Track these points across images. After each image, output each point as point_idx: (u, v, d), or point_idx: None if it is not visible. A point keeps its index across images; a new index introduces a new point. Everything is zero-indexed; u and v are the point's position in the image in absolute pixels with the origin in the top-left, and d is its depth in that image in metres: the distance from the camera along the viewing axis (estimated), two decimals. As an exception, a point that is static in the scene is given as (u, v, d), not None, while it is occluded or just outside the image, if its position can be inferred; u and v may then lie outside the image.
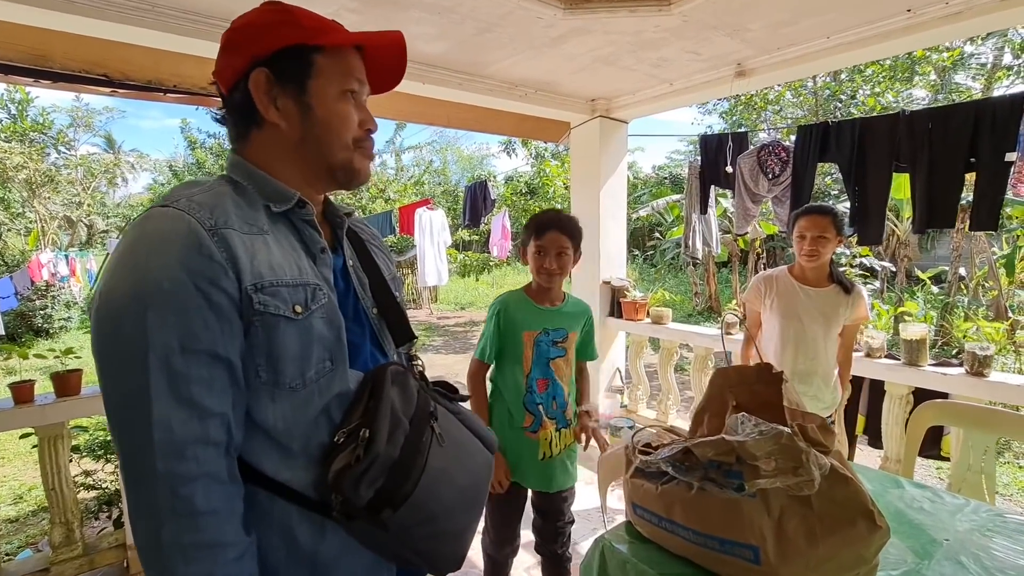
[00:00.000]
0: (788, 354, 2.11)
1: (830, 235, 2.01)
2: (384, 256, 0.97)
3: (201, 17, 2.27)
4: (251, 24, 0.76)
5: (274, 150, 0.77)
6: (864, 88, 8.40)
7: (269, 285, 0.68)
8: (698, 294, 10.95)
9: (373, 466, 0.69)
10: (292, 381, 0.70)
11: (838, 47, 2.63)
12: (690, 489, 1.00)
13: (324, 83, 0.76)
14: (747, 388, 1.16)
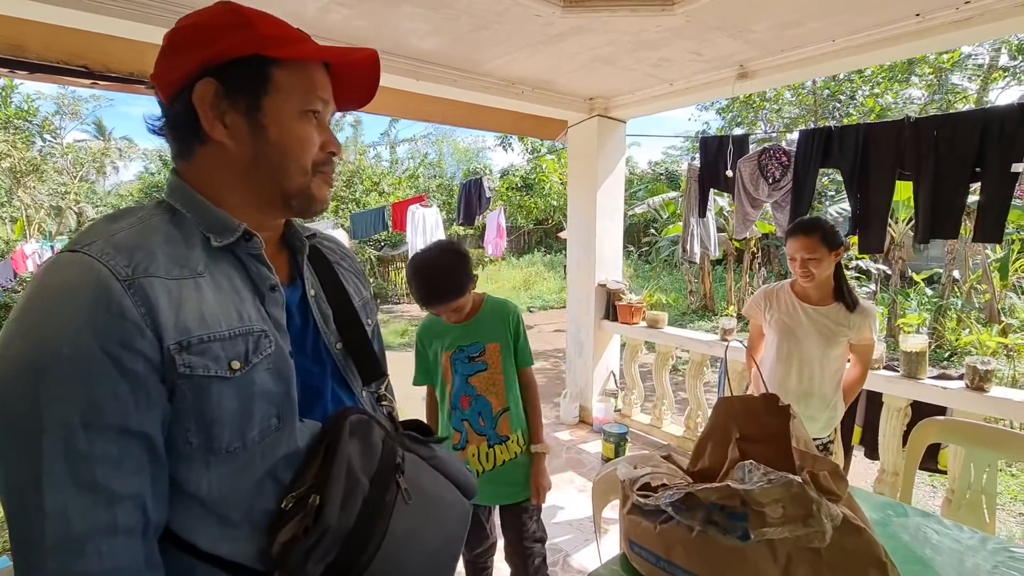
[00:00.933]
0: (784, 372, 2.05)
1: (820, 254, 1.91)
2: (356, 279, 0.88)
3: (185, 8, 2.17)
4: (200, 26, 0.65)
5: (219, 171, 0.67)
6: (864, 88, 8.35)
7: (198, 341, 0.59)
8: (693, 292, 10.93)
9: (323, 539, 0.62)
10: (230, 445, 0.61)
11: (844, 50, 2.56)
12: (691, 531, 0.94)
13: (282, 101, 0.67)
14: (753, 419, 1.11)
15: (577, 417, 4.10)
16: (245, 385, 0.62)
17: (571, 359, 4.23)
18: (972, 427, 1.87)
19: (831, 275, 2.00)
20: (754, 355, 2.24)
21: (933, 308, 7.72)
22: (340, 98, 0.77)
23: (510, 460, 1.65)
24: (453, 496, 0.81)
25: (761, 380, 2.17)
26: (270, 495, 0.64)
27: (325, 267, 0.82)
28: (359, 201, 12.10)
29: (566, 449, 3.64)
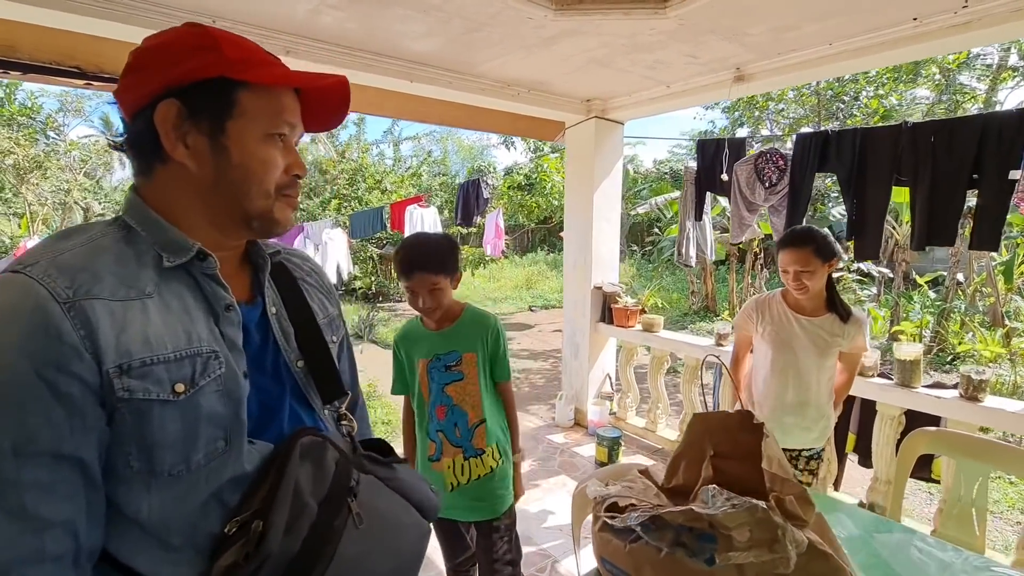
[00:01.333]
0: (780, 384, 2.01)
1: (814, 266, 1.86)
2: (322, 295, 0.87)
3: (171, 9, 2.17)
4: (166, 46, 0.65)
5: (179, 191, 0.67)
6: (868, 89, 8.26)
7: (140, 364, 0.58)
8: (694, 293, 10.88)
9: (264, 565, 0.60)
10: (173, 468, 0.60)
11: (841, 54, 2.53)
12: (659, 552, 0.93)
13: (246, 124, 0.66)
14: (729, 436, 1.09)
15: (572, 420, 4.09)
16: (190, 408, 0.61)
17: (567, 361, 4.22)
18: (962, 438, 1.85)
19: (822, 289, 1.97)
20: (739, 369, 2.21)
21: (936, 311, 7.66)
22: (309, 120, 0.76)
23: (485, 475, 1.60)
24: (411, 518, 0.79)
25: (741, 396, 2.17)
26: (215, 519, 0.63)
27: (289, 284, 0.81)
28: (361, 199, 12.10)
29: (560, 452, 3.63)
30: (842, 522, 1.41)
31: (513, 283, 14.53)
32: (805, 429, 2.02)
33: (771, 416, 2.02)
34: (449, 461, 1.59)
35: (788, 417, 2.02)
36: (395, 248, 1.62)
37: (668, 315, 10.67)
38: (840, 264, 2.10)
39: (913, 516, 3.07)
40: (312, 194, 12.63)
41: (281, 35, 2.40)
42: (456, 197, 4.99)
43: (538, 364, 7.12)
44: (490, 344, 1.62)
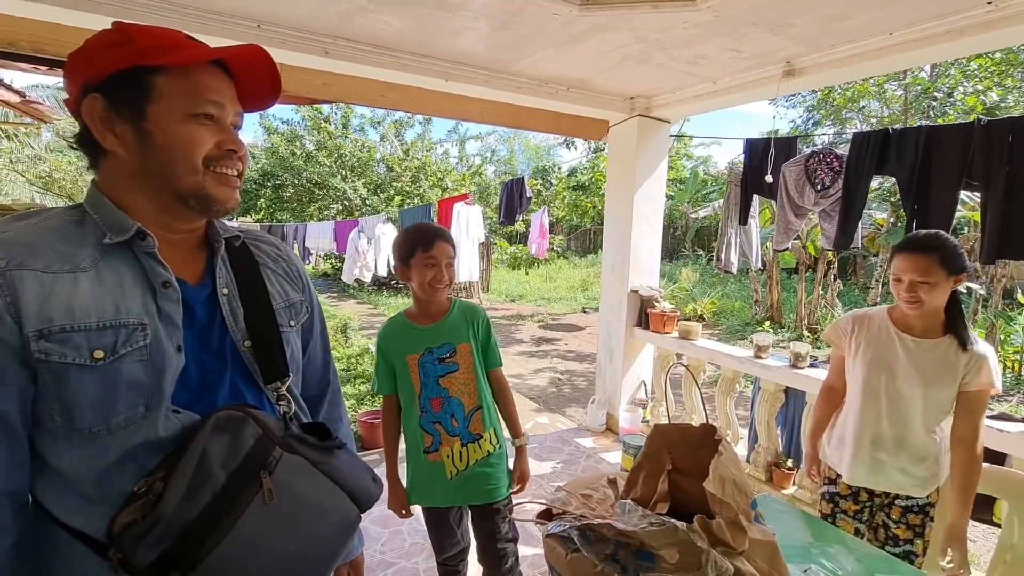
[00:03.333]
0: (871, 414, 1.70)
1: (936, 279, 1.52)
2: (286, 281, 0.91)
3: (220, 15, 2.33)
4: (86, 49, 0.70)
5: (120, 178, 0.73)
6: (965, 84, 7.40)
7: (60, 330, 0.64)
8: (759, 302, 10.27)
9: (156, 526, 0.64)
10: (93, 427, 0.66)
11: (903, 44, 2.30)
12: (595, 566, 0.89)
13: (166, 106, 0.70)
14: (689, 450, 1.03)
15: (604, 425, 3.99)
16: (109, 374, 0.66)
17: (601, 365, 4.13)
18: (1014, 476, 1.63)
19: (941, 308, 1.61)
20: (827, 399, 1.91)
21: (1042, 335, 6.77)
22: (246, 98, 0.80)
23: (482, 459, 1.66)
24: (335, 504, 0.79)
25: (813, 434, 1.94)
26: (130, 478, 0.68)
27: (248, 267, 0.85)
28: (423, 196, 12.46)
29: (586, 457, 3.56)
30: (841, 559, 1.28)
31: (569, 284, 14.40)
32: (902, 471, 1.68)
33: (861, 451, 1.72)
34: (448, 450, 1.63)
35: (881, 453, 1.70)
36: (401, 235, 1.66)
37: (728, 324, 10.15)
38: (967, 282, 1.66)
39: (977, 564, 2.73)
40: (378, 190, 13.15)
41: (319, 37, 2.51)
42: (500, 196, 5.02)
43: (583, 367, 7.01)
44: (481, 333, 1.67)
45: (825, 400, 1.93)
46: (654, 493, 1.02)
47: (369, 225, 5.87)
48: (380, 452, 3.58)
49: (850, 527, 1.79)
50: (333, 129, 12.97)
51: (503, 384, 1.74)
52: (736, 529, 0.77)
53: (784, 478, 2.96)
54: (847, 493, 1.81)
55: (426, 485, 1.66)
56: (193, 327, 0.76)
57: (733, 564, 0.74)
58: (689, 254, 14.97)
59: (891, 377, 1.66)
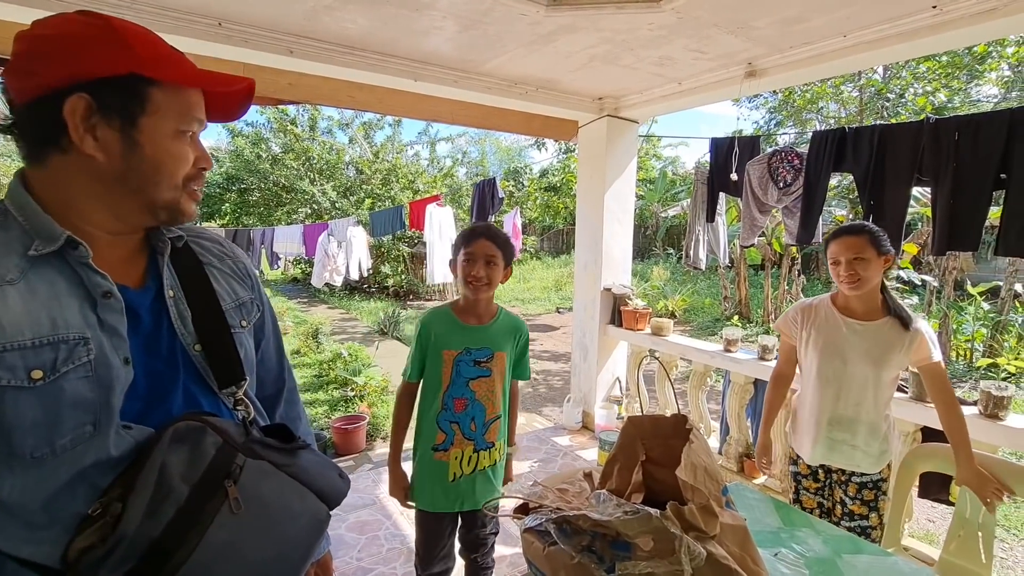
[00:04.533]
0: (827, 398, 1.80)
1: (868, 254, 1.67)
2: (233, 280, 0.87)
3: (178, 12, 2.26)
4: (69, 37, 0.64)
5: (77, 179, 0.67)
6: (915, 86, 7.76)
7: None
8: (728, 298, 10.53)
9: (118, 547, 0.61)
10: (36, 451, 0.60)
11: (857, 46, 2.39)
12: (572, 558, 0.89)
13: (159, 121, 0.68)
14: (661, 440, 1.04)
15: (580, 423, 4.03)
16: (49, 395, 0.61)
17: (576, 364, 4.16)
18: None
19: (878, 287, 1.76)
20: (778, 386, 2.01)
21: (991, 324, 7.13)
22: (211, 113, 0.77)
23: (489, 466, 1.67)
24: (305, 506, 0.78)
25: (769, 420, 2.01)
26: (82, 500, 0.64)
27: (192, 267, 0.81)
28: (394, 199, 12.33)
29: (563, 455, 3.58)
30: (809, 541, 1.32)
31: (542, 284, 14.47)
32: (856, 448, 1.78)
33: (819, 430, 1.82)
34: (458, 452, 1.61)
35: (838, 433, 1.80)
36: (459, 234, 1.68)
37: (699, 320, 10.37)
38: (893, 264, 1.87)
39: (936, 542, 2.86)
40: (348, 193, 12.95)
41: (284, 35, 2.47)
42: (472, 197, 5.01)
43: (558, 366, 7.06)
44: (519, 347, 1.71)
45: (775, 386, 2.03)
46: (629, 484, 1.03)
47: (339, 228, 5.78)
48: (354, 459, 3.53)
49: (812, 502, 1.91)
50: (300, 131, 12.71)
51: (516, 394, 1.79)
52: (707, 514, 0.79)
53: (755, 468, 3.04)
54: (807, 472, 1.92)
55: (428, 485, 1.64)
56: (139, 333, 0.71)
57: (706, 548, 0.76)
58: (660, 253, 15.23)
59: (843, 361, 1.77)
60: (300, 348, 6.99)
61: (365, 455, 3.60)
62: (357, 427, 3.71)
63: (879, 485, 1.81)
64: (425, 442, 1.63)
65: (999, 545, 2.97)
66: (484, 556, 1.77)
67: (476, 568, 1.78)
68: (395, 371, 5.65)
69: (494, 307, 1.68)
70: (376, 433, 4.13)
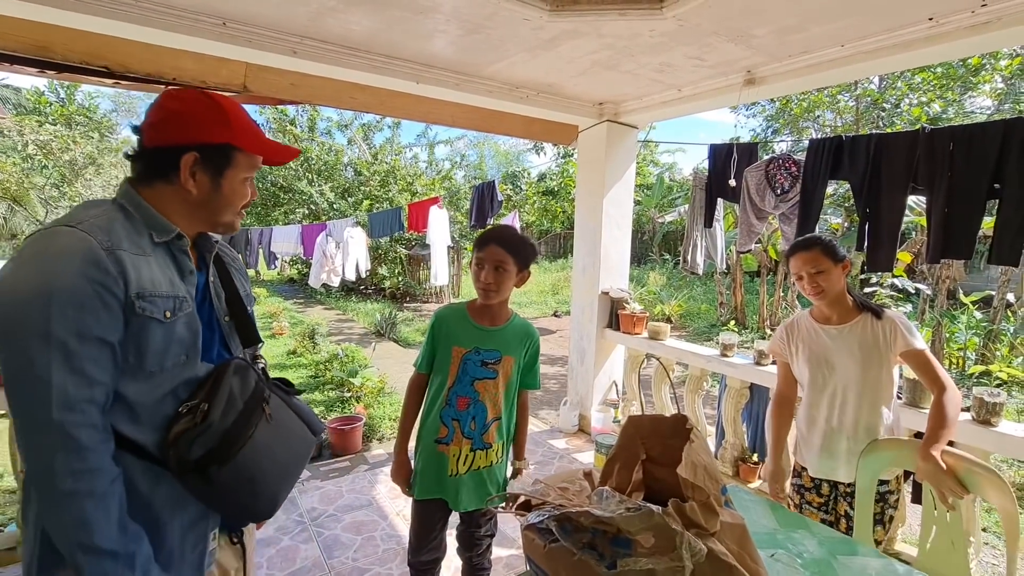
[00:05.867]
0: (823, 407, 1.85)
1: (826, 266, 1.78)
2: (241, 277, 1.17)
3: (187, 13, 2.27)
4: (190, 115, 0.95)
5: (174, 201, 0.97)
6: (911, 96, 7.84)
7: (148, 295, 0.87)
8: (723, 304, 10.58)
9: (207, 431, 0.89)
10: (152, 367, 0.88)
11: (855, 56, 2.43)
12: (573, 555, 0.91)
13: (236, 172, 1.00)
14: (660, 440, 1.06)
15: (576, 426, 4.04)
16: (170, 330, 0.91)
17: (573, 367, 4.18)
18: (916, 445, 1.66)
19: (844, 291, 1.84)
20: (782, 407, 2.01)
21: (983, 332, 7.19)
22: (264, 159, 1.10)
23: (485, 467, 1.68)
24: (302, 430, 1.10)
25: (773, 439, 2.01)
26: (170, 406, 0.92)
27: (222, 265, 1.12)
28: (392, 200, 12.33)
29: (559, 457, 3.59)
30: (805, 542, 1.34)
31: (539, 288, 14.49)
32: (857, 455, 1.79)
33: (823, 444, 1.85)
34: (456, 449, 1.63)
35: (840, 441, 1.82)
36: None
37: (695, 326, 10.41)
38: (852, 268, 1.95)
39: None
40: (346, 194, 12.95)
41: (288, 36, 2.48)
42: (471, 200, 5.03)
43: (554, 369, 7.06)
44: (529, 354, 1.71)
45: (779, 411, 2.02)
46: (629, 483, 1.04)
47: (337, 229, 5.78)
48: (350, 459, 3.53)
49: (816, 516, 1.90)
50: (299, 132, 12.72)
51: (526, 406, 1.78)
52: (708, 511, 0.80)
53: (750, 472, 3.06)
54: (810, 485, 1.92)
55: (430, 473, 1.65)
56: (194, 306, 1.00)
57: (706, 545, 0.77)
58: (656, 258, 15.29)
59: (830, 367, 1.83)
60: (296, 348, 6.97)
61: (361, 456, 3.60)
62: (354, 428, 3.70)
63: (886, 497, 1.80)
64: (429, 434, 1.65)
65: (992, 552, 2.99)
66: (480, 556, 1.78)
67: (473, 568, 1.79)
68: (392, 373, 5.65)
69: (508, 311, 1.70)
70: (372, 434, 4.13)
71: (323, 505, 2.91)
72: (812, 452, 1.89)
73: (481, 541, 1.76)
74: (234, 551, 1.09)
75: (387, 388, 5.12)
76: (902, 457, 1.71)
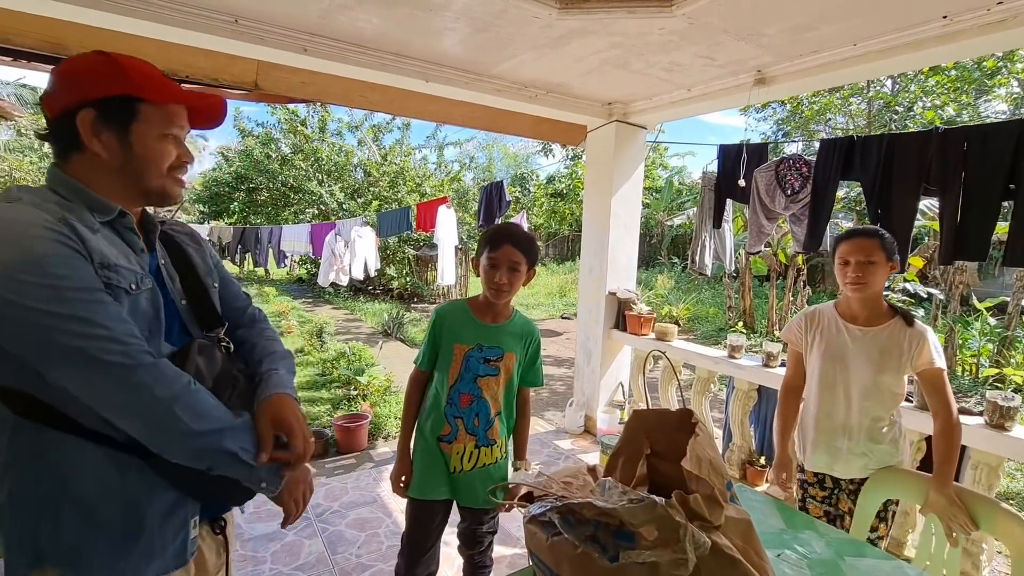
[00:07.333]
0: (827, 402, 1.80)
1: (877, 258, 1.68)
2: (202, 251, 1.10)
3: (200, 10, 2.29)
4: (81, 71, 0.88)
5: (93, 171, 0.90)
6: (924, 99, 7.76)
7: (112, 265, 0.84)
8: (732, 308, 10.50)
9: None
10: None
11: (866, 55, 2.40)
12: (575, 548, 0.90)
13: (146, 127, 0.90)
14: (665, 434, 1.05)
15: (582, 427, 4.02)
16: (135, 304, 0.87)
17: (579, 367, 4.16)
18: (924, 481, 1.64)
19: (881, 292, 1.76)
20: (791, 397, 1.97)
21: (997, 339, 7.08)
22: (197, 120, 1.01)
23: (491, 464, 1.67)
24: None
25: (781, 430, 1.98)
26: None
27: (173, 244, 1.05)
28: (401, 201, 12.37)
29: (564, 458, 3.58)
30: (812, 543, 1.32)
31: (547, 290, 14.47)
32: (861, 456, 1.77)
33: (820, 438, 1.82)
34: (460, 447, 1.62)
35: (839, 440, 1.79)
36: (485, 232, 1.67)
37: (703, 329, 10.34)
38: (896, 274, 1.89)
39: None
40: (355, 195, 13.02)
41: (298, 33, 2.50)
42: (479, 200, 5.04)
43: (561, 371, 7.05)
44: (531, 351, 1.70)
45: (787, 400, 1.99)
46: (633, 476, 1.03)
47: (346, 228, 5.81)
48: (356, 457, 3.53)
49: (819, 510, 1.87)
50: (310, 132, 12.80)
51: (527, 404, 1.77)
52: (713, 503, 0.79)
53: (757, 475, 3.03)
54: (813, 480, 1.90)
55: (431, 471, 1.63)
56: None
57: (710, 538, 0.76)
58: (664, 261, 15.22)
59: (843, 366, 1.77)
60: (304, 347, 7.00)
61: (367, 453, 3.60)
62: (359, 426, 3.71)
63: (888, 506, 1.78)
64: (431, 432, 1.64)
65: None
66: (482, 554, 1.76)
67: (474, 567, 1.78)
68: (398, 372, 5.66)
69: (510, 308, 1.69)
70: (378, 432, 4.13)
71: (328, 501, 2.91)
72: (809, 446, 1.88)
73: (483, 539, 1.75)
74: (216, 541, 1.04)
75: (393, 387, 5.13)
76: (908, 489, 1.69)
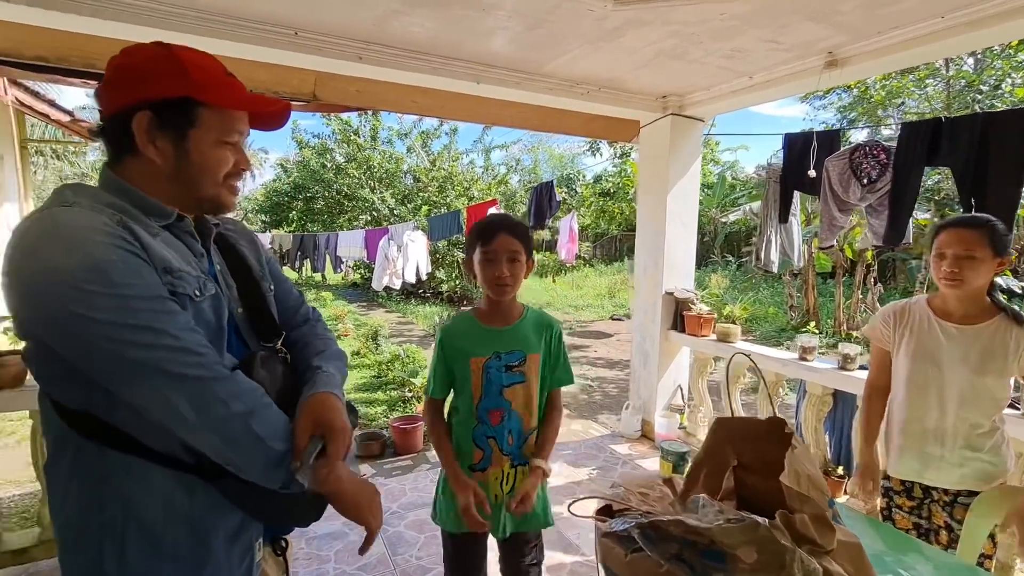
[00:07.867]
0: (918, 406, 1.64)
1: (981, 254, 1.48)
2: (254, 251, 1.02)
3: (260, 24, 2.38)
4: (138, 68, 0.79)
5: (146, 176, 0.82)
6: (1012, 76, 7.06)
7: (175, 270, 0.77)
8: (794, 307, 9.95)
9: None
10: None
11: (953, 28, 2.20)
12: (660, 566, 0.83)
13: (204, 133, 0.82)
14: (752, 445, 0.96)
15: (639, 431, 3.90)
16: (199, 311, 0.80)
17: (635, 370, 4.04)
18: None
19: (983, 289, 1.56)
20: (875, 398, 1.80)
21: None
22: (259, 124, 0.92)
23: None
24: None
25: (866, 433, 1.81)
26: None
27: (228, 247, 0.97)
28: (449, 205, 12.53)
29: (622, 463, 3.47)
30: (919, 567, 1.19)
31: (596, 291, 14.27)
32: (958, 465, 1.60)
33: (908, 443, 1.66)
34: (497, 471, 1.48)
35: (931, 446, 1.62)
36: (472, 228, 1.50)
37: (763, 330, 9.87)
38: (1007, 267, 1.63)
39: None
40: (405, 200, 13.31)
41: (353, 42, 2.55)
42: (529, 201, 5.00)
43: (613, 373, 6.90)
44: (553, 346, 1.53)
45: (871, 402, 1.83)
46: (719, 490, 0.96)
47: (398, 233, 5.92)
48: (412, 458, 3.57)
49: (907, 522, 1.71)
50: (362, 141, 13.21)
51: (557, 405, 1.57)
52: (823, 525, 0.71)
53: (835, 487, 2.82)
54: (900, 488, 1.73)
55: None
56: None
57: (821, 564, 0.68)
58: (718, 259, 14.67)
59: (936, 367, 1.60)
60: (360, 349, 7.19)
61: (423, 455, 3.63)
62: (415, 427, 3.75)
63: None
64: (462, 463, 1.48)
65: None
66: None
67: None
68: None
69: (519, 306, 1.51)
70: (433, 434, 4.16)
71: (387, 502, 2.95)
72: (895, 452, 1.71)
73: (529, 571, 1.58)
74: (278, 564, 0.99)
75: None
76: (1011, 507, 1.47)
